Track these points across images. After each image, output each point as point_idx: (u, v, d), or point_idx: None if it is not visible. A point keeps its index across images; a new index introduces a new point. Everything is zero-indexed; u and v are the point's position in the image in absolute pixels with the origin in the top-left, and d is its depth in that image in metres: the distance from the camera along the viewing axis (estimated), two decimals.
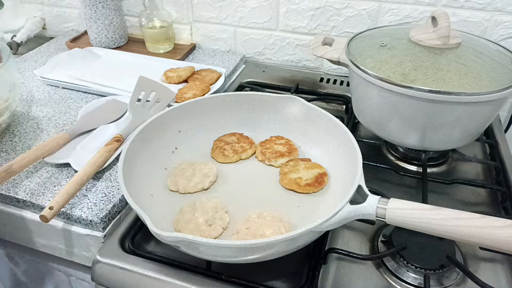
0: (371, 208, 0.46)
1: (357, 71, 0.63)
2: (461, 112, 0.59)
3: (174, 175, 0.61)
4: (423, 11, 0.85)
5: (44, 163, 0.67)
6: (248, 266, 0.49)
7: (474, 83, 0.58)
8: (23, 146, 0.71)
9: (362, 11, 0.89)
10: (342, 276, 0.53)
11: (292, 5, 0.93)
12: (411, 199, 0.47)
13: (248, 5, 0.96)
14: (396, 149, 0.74)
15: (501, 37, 0.83)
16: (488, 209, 0.63)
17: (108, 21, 0.99)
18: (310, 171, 0.62)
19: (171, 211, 0.56)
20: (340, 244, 0.57)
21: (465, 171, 0.71)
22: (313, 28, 0.94)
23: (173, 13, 1.03)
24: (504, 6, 0.80)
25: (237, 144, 0.67)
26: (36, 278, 0.77)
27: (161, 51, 1.02)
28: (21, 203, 0.61)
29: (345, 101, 0.86)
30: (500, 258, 0.55)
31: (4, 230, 0.66)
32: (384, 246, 0.56)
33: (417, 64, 0.61)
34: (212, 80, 0.87)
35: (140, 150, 0.59)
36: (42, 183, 0.63)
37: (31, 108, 0.82)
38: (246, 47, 1.03)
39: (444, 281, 0.51)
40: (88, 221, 0.58)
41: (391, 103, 0.61)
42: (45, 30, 1.20)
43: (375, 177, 0.67)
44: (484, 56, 0.63)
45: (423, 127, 0.62)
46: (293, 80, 0.95)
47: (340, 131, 0.60)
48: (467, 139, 0.65)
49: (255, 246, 0.43)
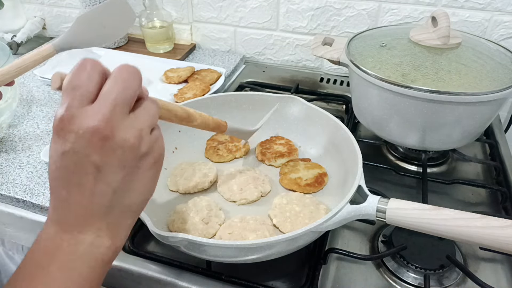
0: (371, 208, 0.46)
1: (357, 71, 0.63)
2: (461, 112, 0.59)
3: (174, 175, 0.61)
4: (423, 11, 0.85)
5: (44, 163, 0.67)
6: (248, 266, 0.49)
7: (474, 83, 0.58)
8: (23, 146, 0.71)
9: (362, 11, 0.89)
10: (342, 276, 0.53)
11: (292, 5, 0.93)
12: (411, 199, 0.47)
13: (248, 5, 0.96)
14: (396, 149, 0.74)
15: (501, 37, 0.83)
16: (488, 209, 0.63)
17: None
18: (310, 171, 0.62)
19: (171, 211, 0.56)
20: (340, 244, 0.57)
21: (465, 171, 0.71)
22: (313, 28, 0.94)
23: (173, 13, 1.03)
24: (504, 6, 0.80)
25: (231, 143, 0.68)
26: None
27: (161, 51, 1.02)
28: (21, 203, 0.61)
29: (345, 101, 0.86)
30: (500, 258, 0.55)
31: (4, 230, 0.66)
32: (384, 246, 0.56)
33: (417, 64, 0.61)
34: (212, 80, 0.87)
35: None
36: (42, 183, 0.63)
37: (31, 108, 0.82)
38: (246, 47, 1.03)
39: (444, 281, 0.51)
40: None
41: (391, 103, 0.61)
42: (45, 30, 1.20)
43: (375, 177, 0.66)
44: (484, 56, 0.63)
45: (423, 127, 0.62)
46: (293, 80, 0.95)
47: (340, 131, 0.60)
48: (467, 139, 0.65)
49: (255, 246, 0.43)
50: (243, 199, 0.58)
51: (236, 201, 0.58)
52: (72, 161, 0.30)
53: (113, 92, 0.30)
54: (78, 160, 0.30)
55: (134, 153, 0.32)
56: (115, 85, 0.31)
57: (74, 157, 0.30)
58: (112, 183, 0.31)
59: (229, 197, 0.58)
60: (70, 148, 0.30)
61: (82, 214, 0.31)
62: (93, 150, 0.30)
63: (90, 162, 0.30)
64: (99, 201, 0.31)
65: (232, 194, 0.58)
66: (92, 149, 0.30)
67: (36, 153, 0.69)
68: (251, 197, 0.57)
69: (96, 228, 0.32)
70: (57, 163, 0.31)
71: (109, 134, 0.30)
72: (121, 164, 0.31)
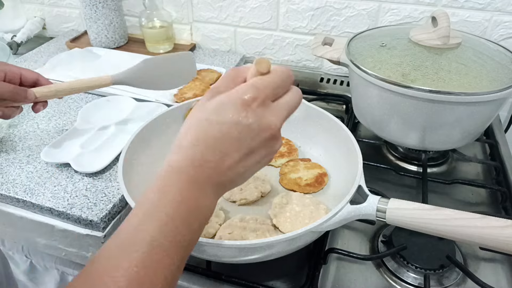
0: (371, 208, 0.46)
1: (357, 71, 0.63)
2: (461, 112, 0.59)
3: None
4: (423, 11, 0.85)
5: (44, 163, 0.67)
6: (248, 266, 0.49)
7: (474, 83, 0.58)
8: (23, 146, 0.71)
9: (362, 11, 0.89)
10: (342, 276, 0.53)
11: (292, 5, 0.93)
12: (411, 199, 0.47)
13: (248, 5, 0.96)
14: (396, 149, 0.74)
15: (501, 37, 0.83)
16: (488, 209, 0.63)
17: (108, 21, 0.99)
18: (310, 171, 0.62)
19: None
20: (340, 244, 0.57)
21: (465, 171, 0.71)
22: (313, 28, 0.94)
23: (173, 13, 1.03)
24: (504, 6, 0.80)
25: None
26: (36, 278, 0.77)
27: (161, 51, 1.01)
28: (21, 203, 0.61)
29: (345, 101, 0.86)
30: (500, 258, 0.55)
31: (4, 230, 0.66)
32: (384, 246, 0.56)
33: (417, 64, 0.61)
34: (212, 80, 0.86)
35: (140, 150, 0.59)
36: (42, 183, 0.63)
37: (31, 108, 0.82)
38: (246, 47, 1.03)
39: (444, 281, 0.51)
40: (88, 221, 0.58)
41: (391, 103, 0.61)
42: (45, 30, 1.20)
43: (375, 177, 0.66)
44: (484, 56, 0.63)
45: (423, 127, 0.62)
46: None
47: (340, 131, 0.60)
48: (467, 139, 0.65)
49: (255, 246, 0.43)
50: (243, 199, 0.58)
51: (236, 201, 0.58)
52: (238, 132, 0.34)
53: (292, 104, 0.38)
54: (243, 136, 0.35)
55: (275, 151, 0.38)
56: (295, 98, 0.38)
57: (243, 131, 0.34)
58: (246, 167, 0.36)
59: (229, 197, 0.58)
60: (245, 124, 0.34)
61: (208, 174, 0.34)
62: (259, 139, 0.35)
63: (250, 144, 0.35)
64: (229, 176, 0.35)
65: (232, 194, 0.58)
66: (258, 138, 0.35)
67: (36, 153, 0.69)
68: (251, 197, 0.57)
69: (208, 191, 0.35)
70: (224, 126, 0.34)
71: (276, 135, 0.36)
72: (263, 157, 0.37)
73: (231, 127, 0.34)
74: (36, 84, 0.64)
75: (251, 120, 0.34)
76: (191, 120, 0.36)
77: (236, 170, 0.35)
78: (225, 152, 0.34)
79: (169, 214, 0.32)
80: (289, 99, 0.38)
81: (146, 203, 0.33)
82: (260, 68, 0.37)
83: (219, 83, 0.38)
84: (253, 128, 0.35)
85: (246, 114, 0.34)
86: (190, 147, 0.34)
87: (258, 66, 0.37)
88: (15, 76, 0.61)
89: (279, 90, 0.37)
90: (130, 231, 0.32)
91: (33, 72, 0.64)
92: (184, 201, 0.33)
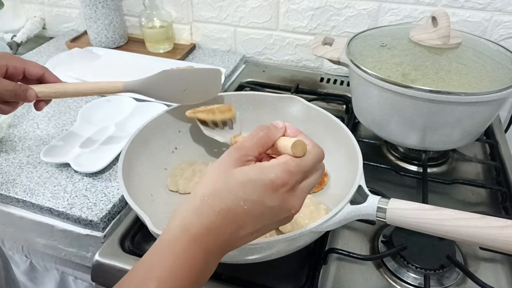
0: (371, 208, 0.46)
1: (357, 71, 0.63)
2: (461, 112, 0.59)
3: (174, 175, 0.61)
4: (423, 11, 0.85)
5: (44, 163, 0.67)
6: (248, 266, 0.49)
7: (474, 83, 0.58)
8: (23, 146, 0.71)
9: (362, 11, 0.89)
10: (342, 276, 0.53)
11: (292, 5, 0.93)
12: (411, 199, 0.47)
13: (248, 5, 0.96)
14: (397, 149, 0.74)
15: (501, 37, 0.83)
16: (488, 209, 0.63)
17: (108, 21, 0.99)
18: None
19: (171, 211, 0.56)
20: (340, 244, 0.57)
21: (465, 171, 0.71)
22: (313, 28, 0.94)
23: (173, 13, 1.03)
24: (504, 6, 0.80)
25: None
26: (36, 278, 0.77)
27: (161, 51, 1.01)
28: (21, 203, 0.61)
29: (345, 101, 0.86)
30: (500, 258, 0.55)
31: (4, 230, 0.66)
32: (384, 246, 0.56)
33: (417, 64, 0.61)
34: None
35: (140, 150, 0.59)
36: (42, 183, 0.63)
37: (31, 108, 0.82)
38: (246, 47, 1.03)
39: (444, 281, 0.51)
40: (88, 221, 0.58)
41: (391, 103, 0.61)
42: (45, 30, 1.20)
43: (375, 177, 0.66)
44: (484, 56, 0.63)
45: (423, 127, 0.62)
46: (293, 80, 0.95)
47: (340, 131, 0.60)
48: (467, 139, 0.65)
49: (255, 246, 0.43)
50: None
51: None
52: (260, 212, 0.34)
53: (315, 184, 0.38)
54: (263, 215, 0.35)
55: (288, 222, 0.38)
56: (319, 178, 0.39)
57: (265, 212, 0.34)
58: (256, 237, 0.36)
59: None
60: (269, 206, 0.34)
61: (220, 243, 0.35)
62: (276, 219, 0.36)
63: (266, 222, 0.35)
64: (239, 244, 0.36)
65: None
66: (276, 218, 0.35)
67: (36, 153, 0.69)
68: None
69: (217, 255, 0.35)
70: (247, 203, 0.34)
71: (293, 216, 0.37)
72: (272, 228, 0.37)
73: (255, 205, 0.34)
74: (41, 79, 0.60)
75: (276, 204, 0.34)
76: (216, 185, 0.35)
77: (247, 239, 0.36)
78: (241, 225, 0.34)
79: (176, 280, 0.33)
80: (314, 180, 0.38)
81: (158, 269, 0.34)
82: (296, 153, 0.35)
83: (247, 145, 0.36)
84: (275, 210, 0.35)
85: (272, 198, 0.34)
86: (209, 216, 0.34)
87: (294, 150, 0.35)
88: (18, 71, 0.57)
89: (309, 174, 0.37)
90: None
91: (39, 66, 0.59)
92: (194, 265, 0.34)
